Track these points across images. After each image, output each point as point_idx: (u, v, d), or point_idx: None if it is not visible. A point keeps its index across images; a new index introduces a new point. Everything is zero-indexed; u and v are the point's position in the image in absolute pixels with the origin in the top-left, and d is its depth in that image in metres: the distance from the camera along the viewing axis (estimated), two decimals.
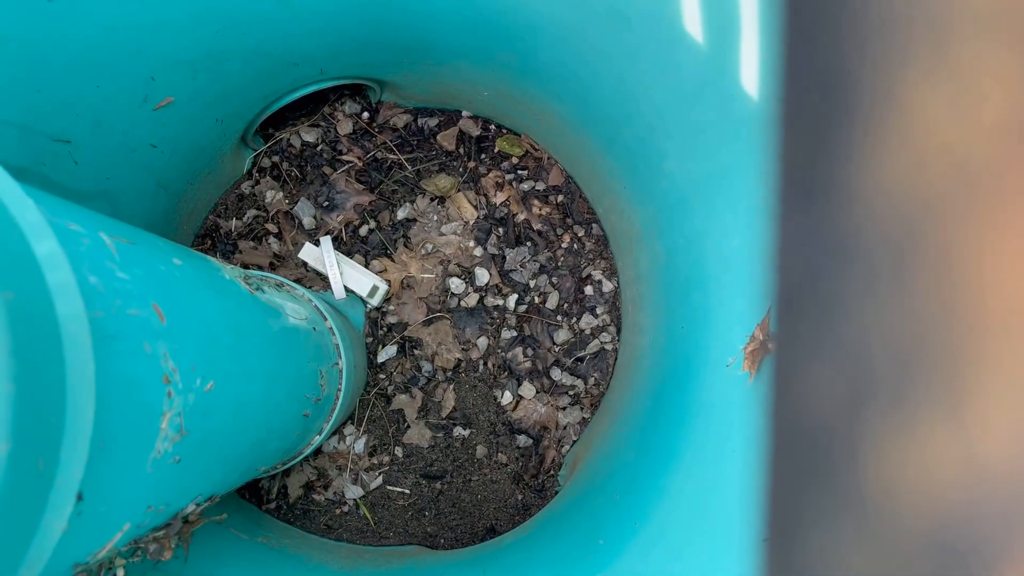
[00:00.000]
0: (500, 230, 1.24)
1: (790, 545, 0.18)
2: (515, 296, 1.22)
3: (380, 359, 1.20)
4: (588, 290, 1.24)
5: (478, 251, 1.23)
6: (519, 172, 1.25)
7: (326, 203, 1.21)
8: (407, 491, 1.19)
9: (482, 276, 1.22)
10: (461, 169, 1.25)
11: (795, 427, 0.17)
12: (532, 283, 1.23)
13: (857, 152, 0.16)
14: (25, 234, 0.38)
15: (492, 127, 1.26)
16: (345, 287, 1.15)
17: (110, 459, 0.41)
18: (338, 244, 1.20)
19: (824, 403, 0.17)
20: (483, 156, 1.26)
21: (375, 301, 1.17)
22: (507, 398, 1.21)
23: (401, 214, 1.23)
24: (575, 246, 1.24)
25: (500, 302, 1.22)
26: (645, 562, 0.84)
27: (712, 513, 0.79)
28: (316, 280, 1.19)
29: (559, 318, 1.23)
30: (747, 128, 0.74)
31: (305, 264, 1.18)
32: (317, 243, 1.15)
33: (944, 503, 0.15)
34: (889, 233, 0.15)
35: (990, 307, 0.14)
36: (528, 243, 1.24)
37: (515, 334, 1.22)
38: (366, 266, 1.20)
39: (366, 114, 1.24)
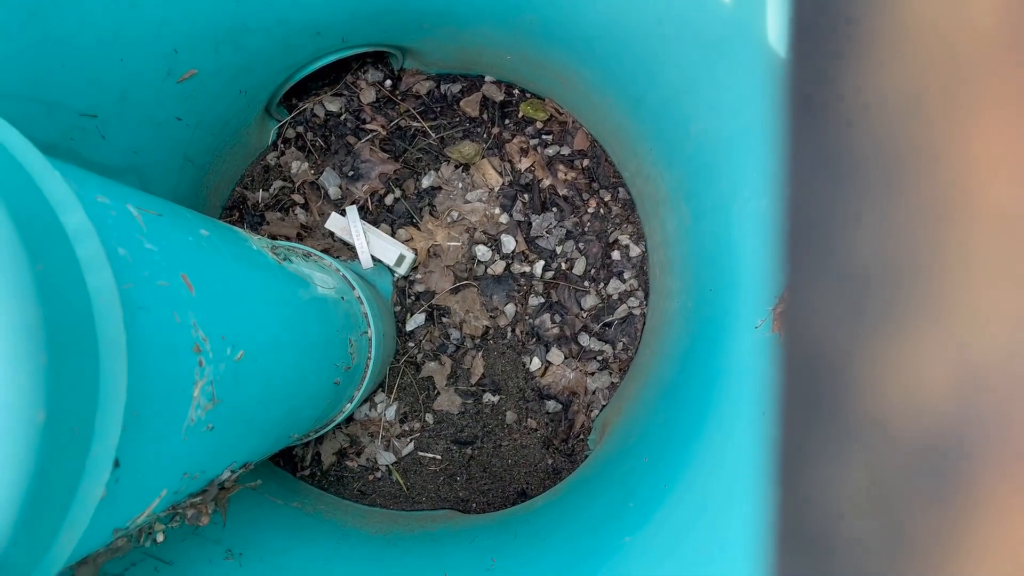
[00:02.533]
0: (525, 196, 1.23)
1: (800, 479, 0.18)
2: (542, 262, 1.22)
3: (409, 327, 1.21)
4: (615, 255, 1.23)
5: (504, 218, 1.23)
6: (544, 137, 1.24)
7: (351, 173, 1.21)
8: (438, 457, 1.20)
9: (508, 243, 1.22)
10: (485, 135, 1.24)
11: (800, 361, 0.17)
12: (559, 249, 1.23)
13: (851, 59, 0.15)
14: (54, 207, 0.38)
15: (516, 92, 1.25)
16: (372, 256, 1.15)
17: (145, 427, 0.42)
18: (364, 213, 1.20)
19: (824, 328, 0.17)
20: (507, 121, 1.25)
21: (402, 270, 1.17)
22: (536, 364, 1.21)
23: (426, 182, 1.23)
24: (601, 211, 1.24)
25: (527, 269, 1.22)
26: (676, 525, 0.84)
27: (743, 476, 0.79)
28: (343, 250, 1.19)
29: (586, 284, 1.23)
30: (772, 85, 0.73)
31: (332, 234, 1.18)
32: (343, 213, 1.16)
33: (936, 409, 0.15)
34: (883, 140, 0.15)
35: (980, 206, 0.14)
36: (554, 209, 1.23)
37: (542, 300, 1.22)
38: (392, 235, 1.20)
39: (389, 82, 1.24)
